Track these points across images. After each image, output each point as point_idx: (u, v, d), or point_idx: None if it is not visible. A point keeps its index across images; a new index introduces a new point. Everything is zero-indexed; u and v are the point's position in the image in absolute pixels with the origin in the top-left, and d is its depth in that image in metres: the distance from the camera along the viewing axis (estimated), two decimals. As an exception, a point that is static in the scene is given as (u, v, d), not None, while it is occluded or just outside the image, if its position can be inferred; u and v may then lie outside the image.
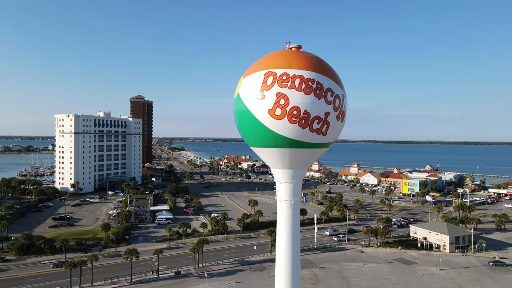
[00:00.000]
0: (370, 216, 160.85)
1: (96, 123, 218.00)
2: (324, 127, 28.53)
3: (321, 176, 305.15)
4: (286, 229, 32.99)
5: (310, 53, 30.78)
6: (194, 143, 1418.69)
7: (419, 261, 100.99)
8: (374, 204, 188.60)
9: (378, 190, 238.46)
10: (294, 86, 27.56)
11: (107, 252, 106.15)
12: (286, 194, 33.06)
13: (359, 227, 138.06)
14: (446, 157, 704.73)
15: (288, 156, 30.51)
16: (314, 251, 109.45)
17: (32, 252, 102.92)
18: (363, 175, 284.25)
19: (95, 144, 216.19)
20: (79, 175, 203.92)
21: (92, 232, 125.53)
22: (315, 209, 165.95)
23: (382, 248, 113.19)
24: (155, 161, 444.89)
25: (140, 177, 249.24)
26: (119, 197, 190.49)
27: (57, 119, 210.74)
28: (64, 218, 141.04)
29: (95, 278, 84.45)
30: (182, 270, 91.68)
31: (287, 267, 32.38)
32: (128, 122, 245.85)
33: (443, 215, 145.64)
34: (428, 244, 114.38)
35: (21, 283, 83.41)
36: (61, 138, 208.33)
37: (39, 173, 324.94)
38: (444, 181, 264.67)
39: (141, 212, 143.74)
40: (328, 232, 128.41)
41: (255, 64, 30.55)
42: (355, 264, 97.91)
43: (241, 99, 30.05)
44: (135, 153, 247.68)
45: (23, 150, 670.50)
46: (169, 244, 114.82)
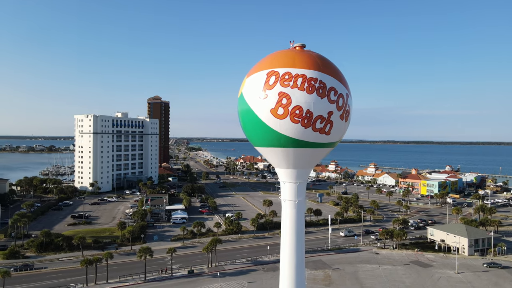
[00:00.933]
0: (386, 217, 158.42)
1: (114, 123, 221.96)
2: (327, 127, 28.21)
3: (337, 177, 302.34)
4: (290, 229, 32.80)
5: (314, 52, 30.48)
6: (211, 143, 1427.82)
7: (436, 264, 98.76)
8: (391, 205, 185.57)
9: (395, 191, 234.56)
10: (297, 86, 27.36)
11: (123, 250, 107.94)
12: (290, 194, 32.88)
13: (375, 228, 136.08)
14: (467, 158, 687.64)
15: (292, 156, 30.31)
16: (328, 252, 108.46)
17: (51, 249, 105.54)
18: (380, 176, 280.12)
19: (113, 144, 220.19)
20: (98, 174, 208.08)
21: (109, 231, 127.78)
22: (331, 210, 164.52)
23: (398, 250, 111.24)
24: (172, 161, 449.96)
25: (156, 176, 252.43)
26: (136, 196, 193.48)
27: (76, 119, 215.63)
28: (82, 217, 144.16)
29: (111, 275, 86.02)
30: (195, 269, 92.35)
31: (291, 267, 32.18)
32: (145, 122, 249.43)
33: (462, 217, 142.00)
34: (446, 246, 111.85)
35: (40, 279, 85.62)
36: (81, 138, 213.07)
37: (60, 173, 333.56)
38: (465, 182, 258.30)
39: (156, 211, 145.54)
40: (343, 233, 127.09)
41: (258, 63, 30.48)
42: (369, 266, 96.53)
43: (244, 99, 30.05)
44: (152, 153, 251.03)
45: (45, 150, 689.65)
46: (183, 243, 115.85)
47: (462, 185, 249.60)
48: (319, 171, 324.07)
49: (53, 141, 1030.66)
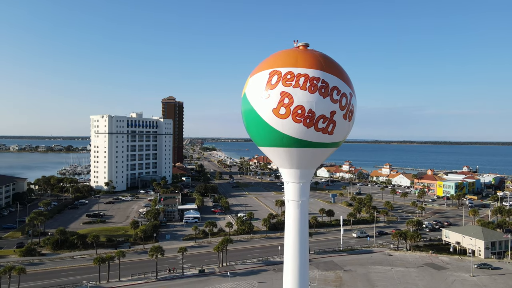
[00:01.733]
0: (400, 218, 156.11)
1: (129, 123, 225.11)
2: (330, 126, 27.92)
3: (351, 177, 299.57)
4: (293, 229, 32.56)
5: (318, 51, 30.23)
6: (225, 143, 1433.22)
7: (451, 267, 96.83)
8: (405, 206, 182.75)
9: (410, 192, 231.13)
10: (299, 85, 27.17)
11: (135, 249, 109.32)
12: (293, 194, 32.67)
13: (389, 229, 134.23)
14: (486, 159, 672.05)
15: (294, 156, 30.12)
16: (340, 253, 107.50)
17: (66, 247, 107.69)
18: (395, 177, 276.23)
19: (127, 144, 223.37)
20: (113, 174, 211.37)
21: (122, 229, 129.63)
22: (344, 211, 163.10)
23: (411, 251, 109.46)
24: (186, 160, 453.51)
25: (170, 176, 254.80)
26: (150, 196, 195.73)
27: (92, 120, 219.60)
28: (97, 215, 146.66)
29: (123, 273, 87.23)
30: (206, 268, 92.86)
31: (294, 268, 31.95)
32: (159, 123, 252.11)
33: (479, 219, 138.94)
34: (461, 249, 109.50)
35: (55, 276, 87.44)
36: (96, 138, 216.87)
37: (77, 172, 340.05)
38: (483, 183, 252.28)
39: (169, 210, 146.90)
40: (355, 234, 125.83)
41: (261, 63, 30.44)
42: (382, 268, 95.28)
43: (247, 99, 30.02)
44: (166, 152, 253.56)
45: (63, 150, 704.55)
46: (195, 242, 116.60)
47: (480, 186, 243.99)
48: (333, 171, 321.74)
49: (71, 141, 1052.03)
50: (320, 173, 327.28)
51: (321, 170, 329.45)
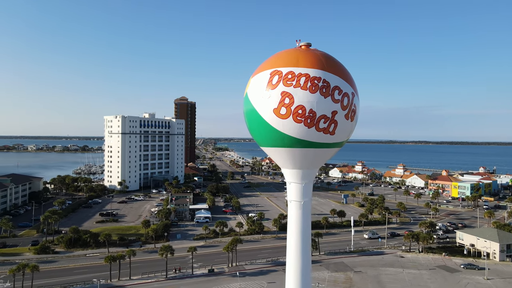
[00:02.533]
0: (414, 220, 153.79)
1: (142, 123, 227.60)
2: (331, 127, 27.63)
3: (364, 178, 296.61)
4: (296, 230, 32.37)
5: (320, 51, 29.95)
6: (238, 143, 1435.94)
7: (464, 269, 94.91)
8: (419, 207, 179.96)
9: (424, 193, 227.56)
10: (299, 85, 26.97)
11: (147, 248, 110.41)
12: (296, 195, 32.45)
13: (401, 231, 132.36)
14: (504, 159, 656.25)
15: (296, 156, 29.91)
16: (351, 254, 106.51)
17: (79, 245, 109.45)
18: (409, 177, 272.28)
19: (140, 144, 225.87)
20: (126, 173, 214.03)
21: (134, 228, 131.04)
22: (356, 211, 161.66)
23: (424, 253, 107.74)
24: (199, 160, 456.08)
25: (182, 176, 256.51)
26: (162, 195, 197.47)
27: (106, 120, 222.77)
28: (110, 214, 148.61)
29: (134, 272, 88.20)
30: (216, 268, 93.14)
31: (297, 269, 31.74)
32: (172, 123, 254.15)
33: (495, 221, 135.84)
34: (475, 251, 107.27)
35: (68, 274, 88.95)
36: (110, 138, 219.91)
37: (92, 171, 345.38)
38: (500, 184, 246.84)
39: (180, 210, 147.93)
40: (367, 235, 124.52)
41: (263, 63, 30.34)
42: (393, 270, 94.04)
43: (248, 99, 29.96)
44: (178, 152, 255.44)
45: (79, 150, 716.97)
46: (205, 242, 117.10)
47: (496, 188, 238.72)
48: (346, 172, 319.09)
49: (87, 141, 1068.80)
50: (333, 173, 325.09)
51: (333, 171, 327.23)
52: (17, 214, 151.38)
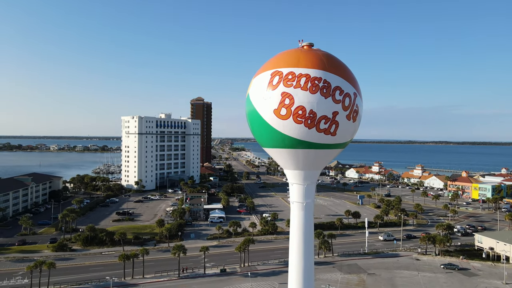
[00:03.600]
0: (431, 222, 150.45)
1: (158, 124, 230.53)
2: (332, 127, 27.24)
3: (381, 179, 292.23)
4: (298, 231, 32.07)
5: (322, 51, 29.58)
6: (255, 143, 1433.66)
7: (482, 273, 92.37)
8: (437, 209, 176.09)
9: (443, 195, 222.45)
10: (300, 85, 26.71)
11: (161, 247, 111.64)
12: (298, 196, 32.16)
13: (418, 233, 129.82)
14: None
15: (297, 157, 29.63)
16: (365, 256, 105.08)
17: (95, 243, 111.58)
18: (428, 178, 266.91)
19: (156, 144, 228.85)
20: (142, 173, 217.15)
21: (149, 227, 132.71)
22: (371, 213, 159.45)
23: (440, 256, 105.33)
24: (215, 161, 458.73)
25: (198, 176, 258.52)
26: (178, 195, 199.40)
27: (123, 120, 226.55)
28: (126, 213, 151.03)
29: (147, 270, 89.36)
30: (228, 268, 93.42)
31: (299, 271, 31.48)
32: (187, 123, 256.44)
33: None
34: (495, 255, 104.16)
35: (83, 271, 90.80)
36: (127, 139, 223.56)
37: (110, 171, 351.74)
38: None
39: (195, 210, 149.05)
40: (382, 236, 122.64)
41: (264, 64, 30.19)
42: (407, 272, 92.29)
43: (250, 100, 29.89)
44: (194, 152, 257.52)
45: (99, 150, 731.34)
46: (219, 242, 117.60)
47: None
48: (362, 172, 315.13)
49: (106, 141, 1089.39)
50: (349, 174, 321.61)
51: (350, 171, 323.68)
52: (37, 212, 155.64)
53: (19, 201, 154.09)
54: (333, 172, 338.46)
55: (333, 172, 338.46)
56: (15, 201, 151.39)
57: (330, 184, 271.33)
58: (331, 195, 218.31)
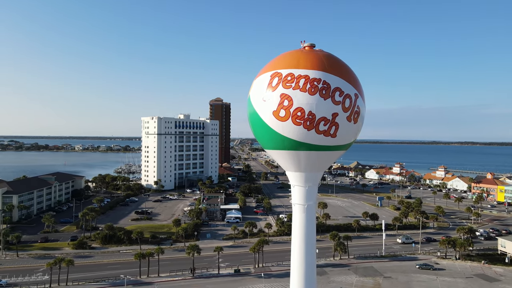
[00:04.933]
0: (453, 225, 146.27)
1: (177, 124, 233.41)
2: (332, 129, 26.80)
3: (402, 180, 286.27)
4: (300, 233, 31.74)
5: (324, 51, 29.16)
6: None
7: (505, 279, 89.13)
8: (459, 212, 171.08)
9: (467, 197, 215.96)
10: (299, 87, 26.42)
11: (177, 247, 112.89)
12: (299, 198, 31.85)
13: (438, 236, 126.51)
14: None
15: (298, 159, 29.34)
16: (382, 259, 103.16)
17: (113, 241, 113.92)
18: (451, 180, 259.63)
19: (175, 144, 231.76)
20: (161, 173, 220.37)
21: (167, 227, 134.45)
22: (390, 215, 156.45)
23: (461, 261, 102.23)
24: (234, 161, 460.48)
25: (216, 176, 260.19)
26: (196, 195, 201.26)
27: (143, 121, 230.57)
28: (144, 213, 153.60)
29: (163, 269, 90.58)
30: (242, 268, 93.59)
31: (300, 274, 31.13)
32: (206, 124, 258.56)
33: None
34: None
35: (101, 269, 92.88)
36: (146, 139, 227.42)
37: (132, 171, 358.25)
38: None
39: (211, 210, 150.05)
40: (400, 239, 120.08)
41: (266, 65, 30.03)
42: (425, 276, 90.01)
43: (250, 101, 29.82)
44: (212, 153, 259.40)
45: (121, 150, 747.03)
46: (234, 242, 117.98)
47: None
48: (383, 173, 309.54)
49: (129, 141, 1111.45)
50: (369, 175, 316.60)
51: (369, 172, 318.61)
52: (60, 211, 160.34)
53: (43, 199, 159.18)
54: (353, 173, 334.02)
55: (353, 173, 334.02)
56: (39, 199, 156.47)
57: (349, 185, 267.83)
58: (349, 196, 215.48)
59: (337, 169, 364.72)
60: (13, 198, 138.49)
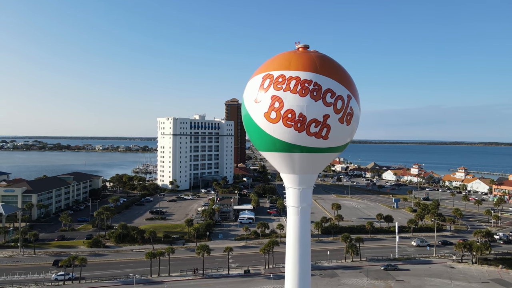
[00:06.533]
0: (471, 228, 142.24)
1: (192, 125, 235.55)
2: (323, 131, 26.44)
3: (420, 181, 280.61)
4: (294, 236, 31.44)
5: (318, 52, 28.83)
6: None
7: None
8: (479, 214, 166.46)
9: (488, 199, 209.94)
10: (289, 88, 26.19)
11: (189, 246, 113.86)
12: (293, 200, 31.59)
13: (455, 239, 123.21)
14: None
15: (290, 161, 29.08)
16: (395, 261, 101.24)
17: (127, 240, 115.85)
18: (471, 182, 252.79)
19: (190, 144, 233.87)
20: (177, 173, 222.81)
21: (180, 227, 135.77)
22: (406, 217, 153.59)
23: (478, 265, 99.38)
24: (251, 161, 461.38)
25: (232, 176, 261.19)
26: (210, 195, 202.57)
27: (159, 122, 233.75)
28: (159, 212, 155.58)
29: (174, 269, 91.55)
30: (252, 269, 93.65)
31: (294, 278, 30.85)
32: (221, 124, 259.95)
33: None
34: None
35: (114, 267, 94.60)
36: (162, 139, 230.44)
37: (149, 171, 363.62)
38: None
39: (224, 210, 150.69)
40: (415, 242, 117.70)
41: (260, 67, 29.95)
42: (439, 281, 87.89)
43: (243, 103, 29.81)
44: (227, 153, 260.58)
45: (140, 150, 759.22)
46: (246, 243, 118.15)
47: None
48: (400, 174, 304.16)
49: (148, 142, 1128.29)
50: (386, 176, 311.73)
51: (387, 173, 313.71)
52: (78, 210, 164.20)
53: (61, 198, 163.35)
54: (370, 174, 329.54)
55: (370, 174, 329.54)
56: (58, 198, 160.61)
57: (365, 186, 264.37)
58: (365, 197, 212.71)
59: (354, 170, 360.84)
60: (33, 197, 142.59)
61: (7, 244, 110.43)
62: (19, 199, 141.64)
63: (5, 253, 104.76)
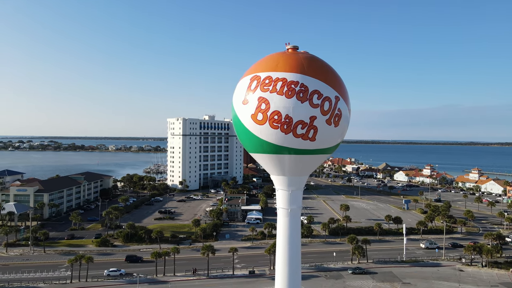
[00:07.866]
0: (483, 230, 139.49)
1: (201, 125, 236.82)
2: (310, 132, 26.22)
3: (432, 182, 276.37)
4: (283, 238, 31.28)
5: (307, 53, 28.63)
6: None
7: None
8: (492, 217, 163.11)
9: (502, 201, 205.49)
10: (276, 90, 26.06)
11: (195, 246, 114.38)
12: (283, 202, 31.46)
13: (466, 241, 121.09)
14: None
15: (279, 163, 28.94)
16: (402, 264, 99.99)
17: (135, 240, 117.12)
18: (485, 183, 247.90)
19: (200, 145, 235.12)
20: (186, 173, 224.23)
21: (188, 227, 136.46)
22: (416, 218, 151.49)
23: (487, 268, 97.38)
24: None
25: (241, 177, 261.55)
26: (219, 195, 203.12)
27: (169, 122, 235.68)
28: (167, 212, 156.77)
29: (179, 269, 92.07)
30: (257, 270, 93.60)
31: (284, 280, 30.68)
32: (230, 124, 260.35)
33: None
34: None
35: (121, 266, 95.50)
36: (172, 140, 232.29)
37: (160, 171, 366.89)
38: None
39: (232, 210, 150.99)
40: (424, 244, 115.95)
41: (249, 69, 29.91)
42: (447, 284, 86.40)
43: (232, 105, 29.81)
44: (237, 153, 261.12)
45: (152, 150, 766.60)
46: (252, 243, 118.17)
47: None
48: (412, 175, 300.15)
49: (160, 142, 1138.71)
50: (398, 177, 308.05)
51: (398, 174, 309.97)
52: (88, 209, 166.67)
53: (72, 198, 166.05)
54: (381, 174, 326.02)
55: (381, 174, 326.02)
56: (69, 198, 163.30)
57: (376, 187, 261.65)
58: (375, 198, 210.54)
59: (365, 171, 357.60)
60: (44, 197, 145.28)
61: (18, 243, 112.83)
62: (31, 198, 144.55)
63: (16, 251, 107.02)
